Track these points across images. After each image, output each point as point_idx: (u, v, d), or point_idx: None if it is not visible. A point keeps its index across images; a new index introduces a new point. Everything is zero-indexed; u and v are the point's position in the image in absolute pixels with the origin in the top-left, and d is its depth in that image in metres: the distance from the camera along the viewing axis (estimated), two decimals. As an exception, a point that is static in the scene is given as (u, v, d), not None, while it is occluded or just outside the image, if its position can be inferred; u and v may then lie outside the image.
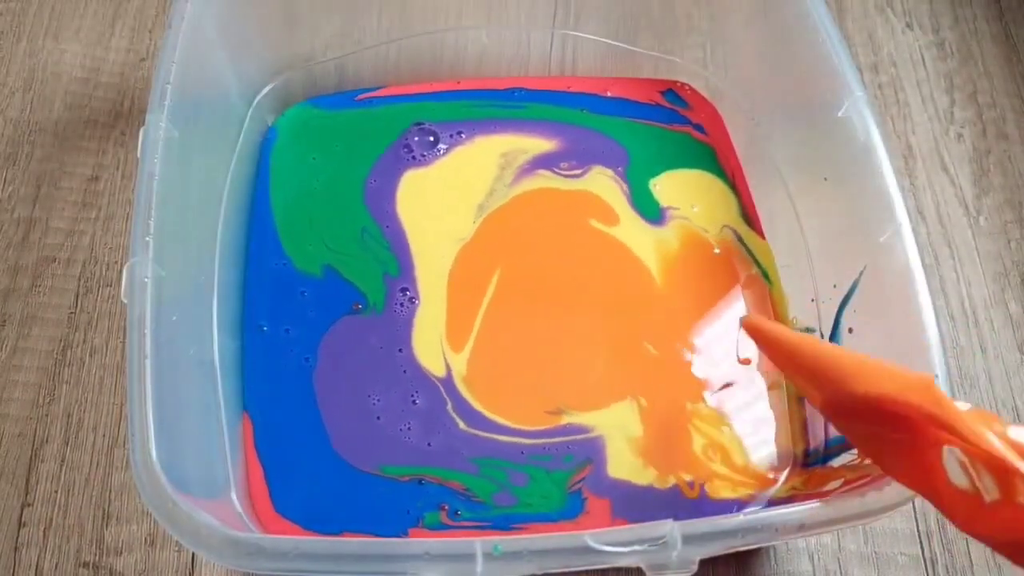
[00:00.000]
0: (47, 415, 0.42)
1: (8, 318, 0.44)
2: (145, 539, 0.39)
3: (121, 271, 0.44)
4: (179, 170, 0.36)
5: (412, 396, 0.41)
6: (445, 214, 0.46)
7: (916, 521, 0.41)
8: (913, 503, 0.41)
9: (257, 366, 0.41)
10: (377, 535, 0.37)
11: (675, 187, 0.47)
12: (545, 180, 0.48)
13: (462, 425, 0.40)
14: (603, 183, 0.48)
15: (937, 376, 0.33)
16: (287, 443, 0.40)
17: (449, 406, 0.41)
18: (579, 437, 0.40)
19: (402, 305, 0.43)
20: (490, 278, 0.44)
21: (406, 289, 0.43)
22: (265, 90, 0.47)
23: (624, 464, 0.40)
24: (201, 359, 0.38)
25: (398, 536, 0.37)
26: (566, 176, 0.48)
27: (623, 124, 0.49)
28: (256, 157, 0.47)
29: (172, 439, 0.31)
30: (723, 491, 0.39)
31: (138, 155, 0.35)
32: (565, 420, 0.41)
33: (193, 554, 0.39)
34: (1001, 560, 0.40)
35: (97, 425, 0.41)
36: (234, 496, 0.37)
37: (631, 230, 0.46)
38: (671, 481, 0.39)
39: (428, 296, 0.43)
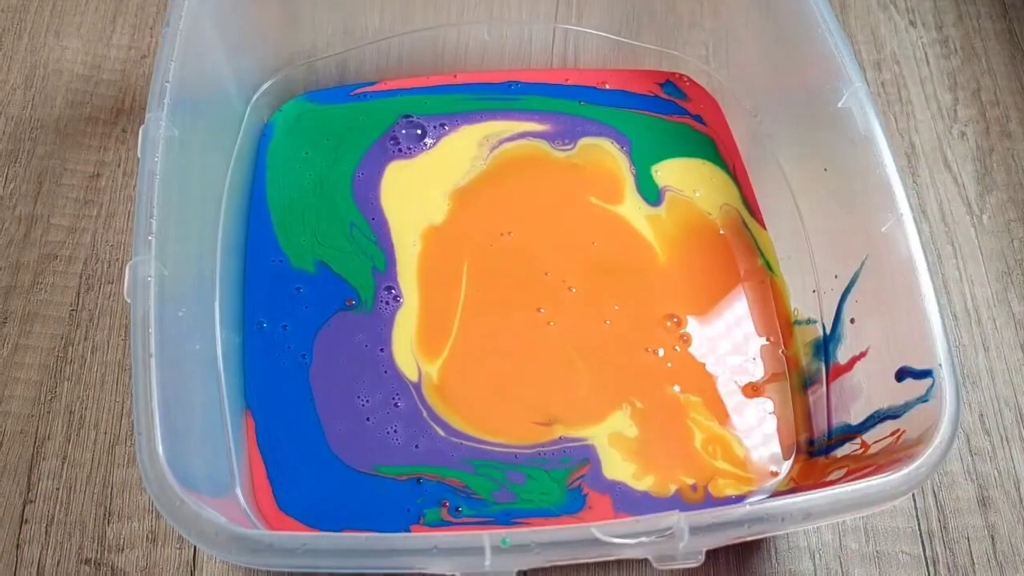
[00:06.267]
0: (48, 412, 0.42)
1: (10, 315, 0.44)
2: (147, 536, 0.39)
3: (123, 268, 0.44)
4: (179, 168, 0.36)
5: (394, 399, 0.41)
6: (422, 201, 0.46)
7: (918, 520, 0.41)
8: (915, 502, 0.41)
9: (257, 363, 0.42)
10: (379, 532, 0.37)
11: (677, 173, 0.47)
12: (532, 149, 0.47)
13: (442, 433, 0.40)
14: (604, 151, 0.47)
15: (940, 365, 0.33)
16: (287, 441, 0.40)
17: (424, 414, 0.41)
18: (573, 445, 0.40)
19: (387, 303, 0.43)
20: (463, 269, 0.44)
21: (391, 287, 0.43)
22: (264, 87, 0.47)
23: (622, 473, 0.39)
24: (204, 356, 0.38)
25: (403, 533, 0.37)
26: (559, 150, 0.48)
27: (622, 114, 0.49)
28: (255, 153, 0.47)
29: (178, 437, 0.31)
30: (727, 489, 0.39)
31: (139, 154, 0.35)
32: (558, 434, 0.40)
33: (195, 550, 0.39)
34: (1003, 559, 0.40)
35: (99, 422, 0.41)
36: (239, 493, 0.37)
37: (632, 207, 0.46)
38: (672, 489, 0.39)
39: (408, 293, 0.43)
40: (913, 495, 0.41)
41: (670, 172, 0.47)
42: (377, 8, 0.48)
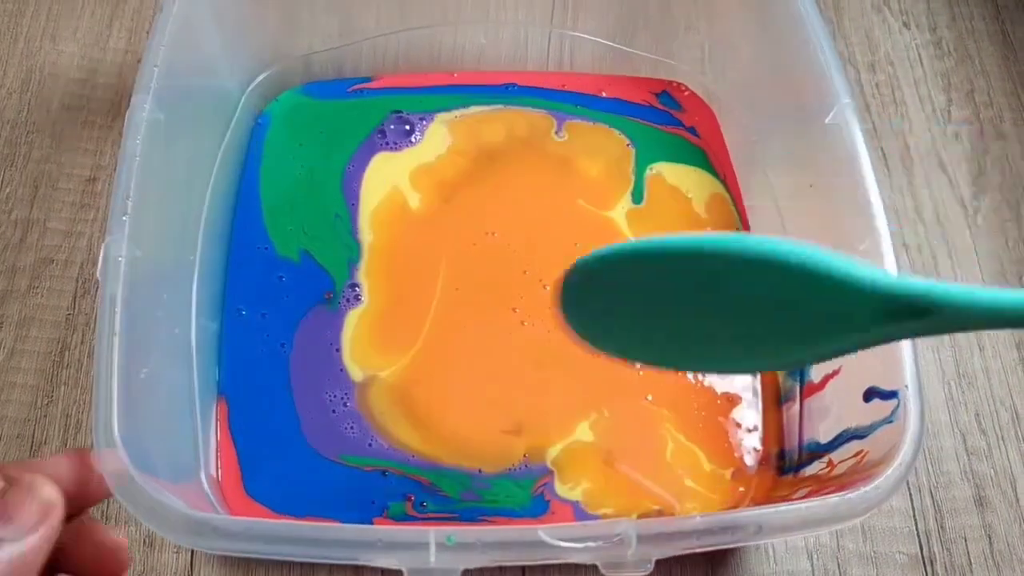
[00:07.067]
0: (45, 416, 0.42)
1: (6, 320, 0.44)
2: (144, 540, 0.39)
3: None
4: (163, 152, 0.36)
5: (344, 399, 0.41)
6: (403, 195, 0.46)
7: (915, 520, 0.41)
8: (912, 502, 0.41)
9: (235, 349, 0.42)
10: (343, 523, 0.37)
11: (671, 179, 0.47)
12: (525, 146, 0.48)
13: (385, 445, 0.40)
14: (604, 134, 0.47)
15: (907, 387, 0.32)
16: (261, 428, 0.40)
17: (367, 420, 0.41)
18: (537, 464, 0.40)
19: (348, 300, 0.43)
20: (440, 267, 0.44)
21: (355, 285, 0.44)
22: (260, 78, 0.48)
23: (584, 496, 0.39)
24: (177, 341, 0.38)
25: (363, 525, 0.37)
26: (557, 140, 0.48)
27: (619, 120, 0.49)
28: (247, 142, 0.47)
29: (139, 418, 0.31)
30: (693, 512, 0.39)
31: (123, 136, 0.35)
32: (522, 451, 0.40)
33: (192, 556, 0.39)
34: (1000, 558, 0.40)
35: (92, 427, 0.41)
36: (203, 478, 0.37)
37: (622, 210, 0.46)
38: (634, 516, 0.38)
39: (372, 290, 0.43)
40: (910, 495, 0.41)
41: (664, 178, 0.48)
42: (374, 5, 0.48)
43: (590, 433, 0.40)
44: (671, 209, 0.47)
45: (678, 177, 0.47)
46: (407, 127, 0.48)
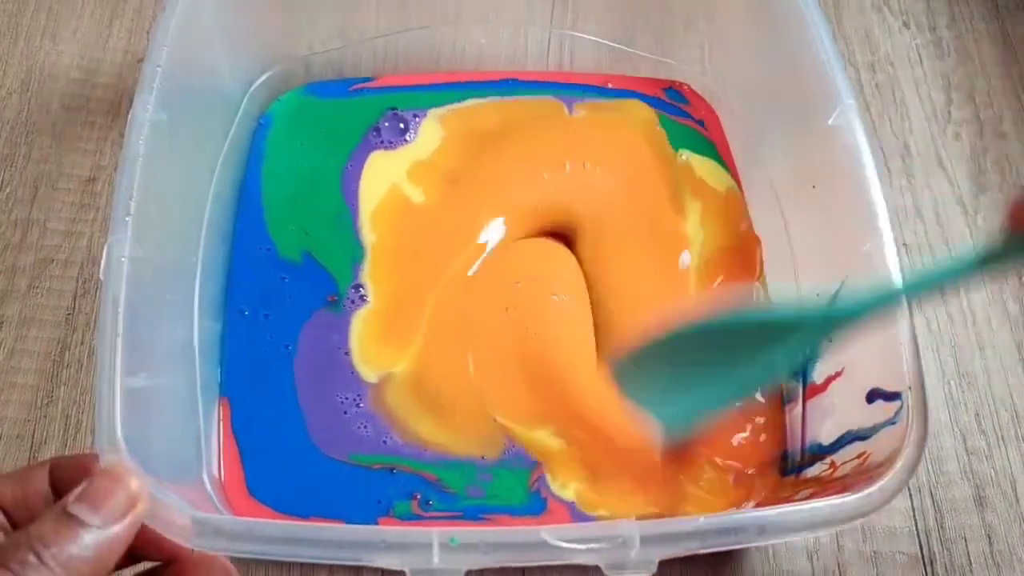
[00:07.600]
0: (45, 417, 0.42)
1: (6, 320, 0.44)
2: (145, 541, 0.39)
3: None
4: (166, 153, 0.36)
5: (357, 400, 0.41)
6: (401, 191, 0.46)
7: (915, 520, 0.41)
8: (912, 502, 0.41)
9: (238, 350, 0.42)
10: (347, 522, 0.37)
11: (698, 167, 0.47)
12: (533, 124, 0.47)
13: (400, 440, 0.40)
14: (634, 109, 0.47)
15: (910, 388, 0.32)
16: (264, 428, 0.40)
17: (384, 418, 0.41)
18: (521, 452, 0.40)
19: (353, 302, 0.43)
20: (440, 262, 0.44)
21: (360, 286, 0.43)
22: (262, 78, 0.48)
23: (576, 496, 0.39)
24: (180, 341, 0.38)
25: (367, 524, 0.37)
26: (571, 116, 0.48)
27: (632, 104, 0.49)
28: (249, 142, 0.47)
29: (142, 418, 0.31)
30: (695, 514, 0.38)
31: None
32: (521, 439, 0.40)
33: (193, 555, 0.39)
34: (1000, 558, 0.40)
35: (95, 427, 0.41)
36: (205, 478, 0.37)
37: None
38: (632, 517, 0.38)
39: (376, 291, 0.43)
40: (910, 494, 0.42)
41: (692, 168, 0.47)
42: (374, 6, 0.48)
43: (557, 439, 0.40)
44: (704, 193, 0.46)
45: (704, 169, 0.47)
46: (401, 125, 0.48)
